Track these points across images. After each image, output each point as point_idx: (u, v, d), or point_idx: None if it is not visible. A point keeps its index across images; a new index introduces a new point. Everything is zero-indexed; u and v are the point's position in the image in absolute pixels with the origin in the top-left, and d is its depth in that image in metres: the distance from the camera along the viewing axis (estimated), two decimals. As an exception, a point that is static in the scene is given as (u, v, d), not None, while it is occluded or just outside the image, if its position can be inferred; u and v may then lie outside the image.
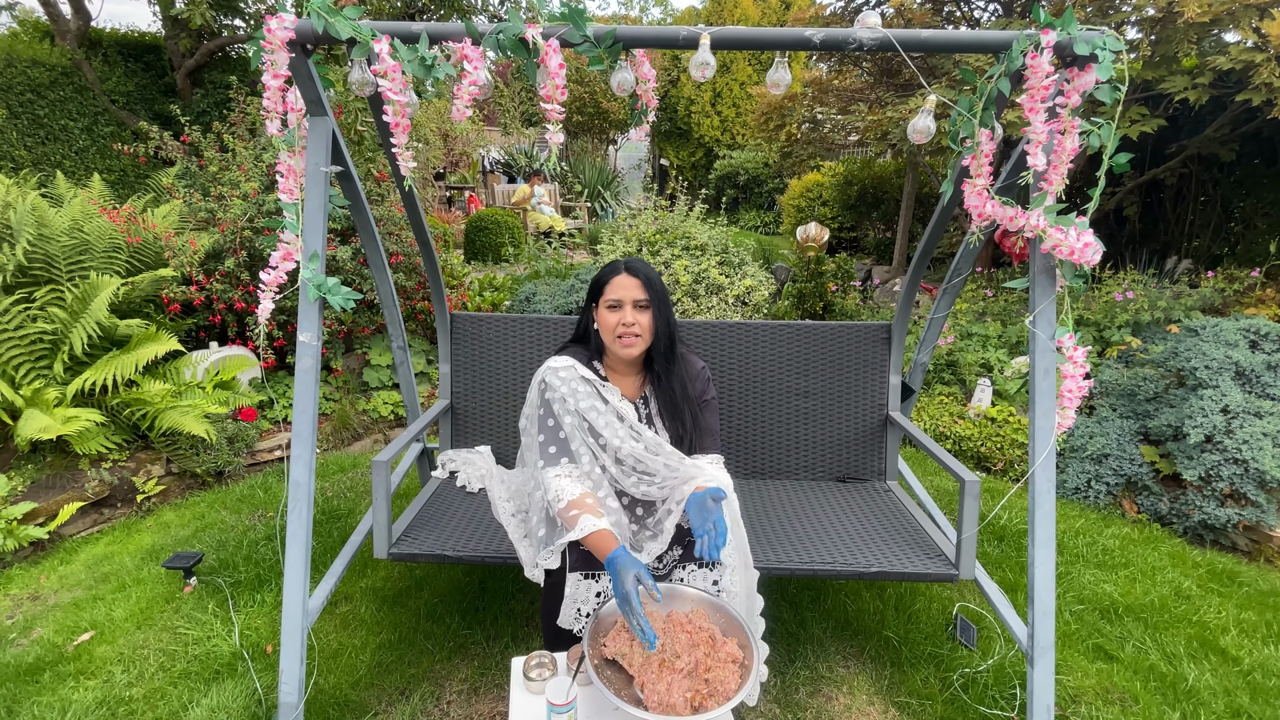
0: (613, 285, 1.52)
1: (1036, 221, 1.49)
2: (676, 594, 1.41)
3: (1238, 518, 2.42)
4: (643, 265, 1.56)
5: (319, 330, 1.54)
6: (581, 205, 10.00)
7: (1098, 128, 1.44)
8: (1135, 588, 2.23)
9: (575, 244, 8.59)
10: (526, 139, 12.03)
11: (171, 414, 2.65)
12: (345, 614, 2.04)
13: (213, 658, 1.85)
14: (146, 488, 2.68)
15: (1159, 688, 1.81)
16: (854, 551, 1.75)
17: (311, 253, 1.51)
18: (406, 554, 1.70)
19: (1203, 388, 2.57)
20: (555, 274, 4.93)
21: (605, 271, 1.56)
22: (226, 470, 2.89)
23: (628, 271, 1.53)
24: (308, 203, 1.50)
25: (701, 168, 13.94)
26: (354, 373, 3.73)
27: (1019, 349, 3.59)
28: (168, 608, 2.07)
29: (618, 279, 1.52)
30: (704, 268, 3.48)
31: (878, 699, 1.78)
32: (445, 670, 1.82)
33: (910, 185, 6.74)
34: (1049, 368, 1.57)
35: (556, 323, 2.20)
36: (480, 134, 10.38)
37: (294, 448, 1.51)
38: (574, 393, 1.52)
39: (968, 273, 2.04)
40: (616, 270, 1.54)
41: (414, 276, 3.84)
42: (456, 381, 2.22)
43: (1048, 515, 1.54)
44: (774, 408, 2.19)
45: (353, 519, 2.58)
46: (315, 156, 1.50)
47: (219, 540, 2.41)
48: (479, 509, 1.95)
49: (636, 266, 1.55)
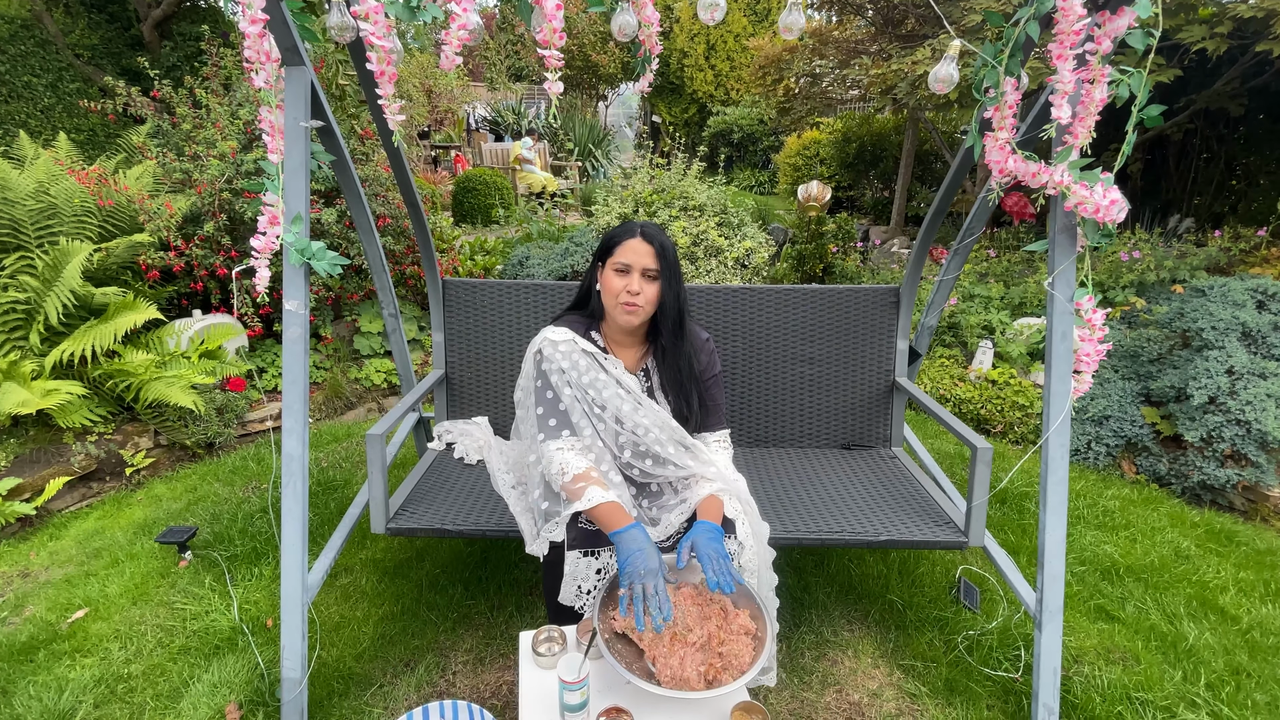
0: (624, 248, 1.44)
1: (1061, 178, 1.42)
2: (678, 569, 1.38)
3: (1237, 478, 2.43)
4: (658, 232, 1.47)
5: (306, 298, 1.46)
6: (573, 165, 9.74)
7: (1127, 77, 1.35)
8: (1135, 548, 2.24)
9: (567, 205, 8.39)
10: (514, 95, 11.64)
11: (156, 385, 2.57)
12: (346, 586, 2.01)
13: (212, 633, 1.82)
14: (135, 460, 2.62)
15: (1160, 647, 1.83)
16: (862, 520, 1.73)
17: (294, 215, 1.41)
18: (405, 528, 1.66)
19: (1208, 349, 2.55)
20: (548, 237, 4.81)
21: (618, 232, 1.47)
22: (217, 441, 2.83)
23: (642, 236, 1.44)
24: (288, 161, 1.40)
25: (695, 125, 13.59)
26: (344, 340, 3.64)
27: (1021, 310, 3.54)
28: (163, 583, 2.03)
29: (630, 242, 1.44)
30: (702, 229, 3.38)
31: (883, 662, 1.79)
32: (450, 641, 1.81)
33: (910, 142, 6.59)
34: (1066, 331, 1.52)
35: (553, 289, 2.12)
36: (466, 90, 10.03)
37: (285, 420, 1.45)
38: (575, 366, 1.46)
39: (979, 232, 1.98)
40: (630, 232, 1.45)
41: (403, 240, 3.72)
42: (451, 351, 2.15)
43: (1060, 481, 1.51)
44: (779, 375, 2.14)
45: (349, 489, 2.54)
46: (294, 111, 1.39)
47: (213, 513, 2.37)
48: (478, 481, 1.91)
49: (652, 232, 1.46)
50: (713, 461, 1.50)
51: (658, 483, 1.56)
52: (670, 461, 1.48)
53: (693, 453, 1.49)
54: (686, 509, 1.46)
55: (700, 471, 1.48)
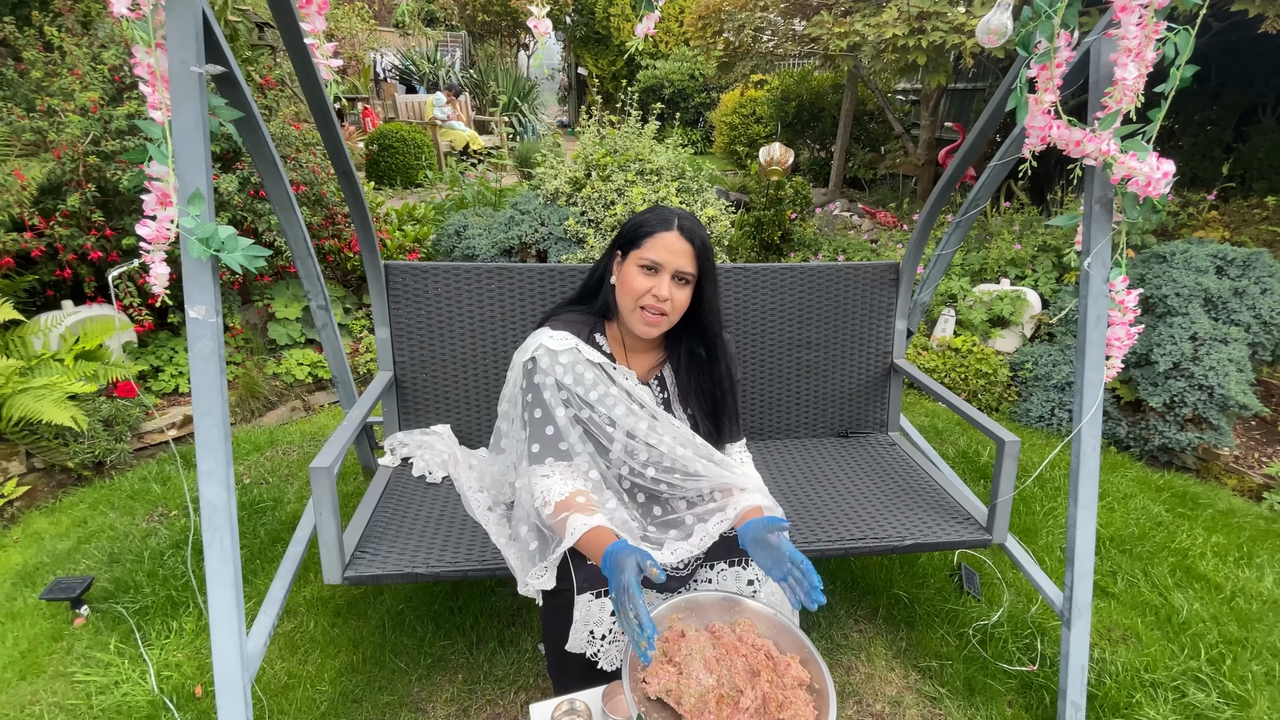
0: (654, 242, 1.18)
1: (1106, 146, 1.28)
2: (699, 604, 1.18)
3: (1198, 441, 2.50)
4: (698, 226, 1.22)
5: (216, 301, 1.12)
6: (500, 120, 9.09)
7: (1173, 35, 1.22)
8: (1115, 518, 2.26)
9: (500, 165, 7.82)
10: (428, 40, 10.67)
11: (22, 399, 2.09)
12: (290, 633, 1.71)
13: (126, 710, 1.48)
14: (5, 490, 2.14)
15: (1155, 622, 1.83)
16: (881, 522, 1.60)
17: (192, 192, 1.06)
18: (368, 575, 1.38)
19: (1172, 315, 2.59)
20: (485, 202, 4.39)
21: (648, 219, 1.21)
22: (108, 460, 2.37)
23: (680, 230, 1.19)
24: (177, 119, 1.04)
25: (623, 78, 13.02)
26: (256, 329, 3.17)
27: (980, 277, 3.54)
28: (57, 648, 1.65)
29: (664, 236, 1.18)
30: (662, 196, 3.13)
31: (897, 664, 1.70)
32: (425, 691, 1.56)
33: (849, 102, 6.49)
34: (1101, 315, 1.42)
35: (520, 273, 1.83)
36: (372, 34, 9.09)
37: (202, 461, 1.13)
38: (579, 380, 1.21)
39: (984, 204, 1.84)
40: (665, 223, 1.19)
41: (320, 210, 3.24)
42: (400, 349, 1.83)
43: (1091, 474, 1.43)
44: (773, 362, 1.96)
45: (281, 510, 2.18)
46: (181, 51, 1.03)
47: (110, 553, 1.97)
48: (447, 503, 1.64)
49: (691, 227, 1.20)
50: (746, 475, 1.31)
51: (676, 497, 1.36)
52: (699, 475, 1.28)
53: (722, 466, 1.29)
54: (726, 519, 1.26)
55: (734, 482, 1.28)
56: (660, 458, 1.26)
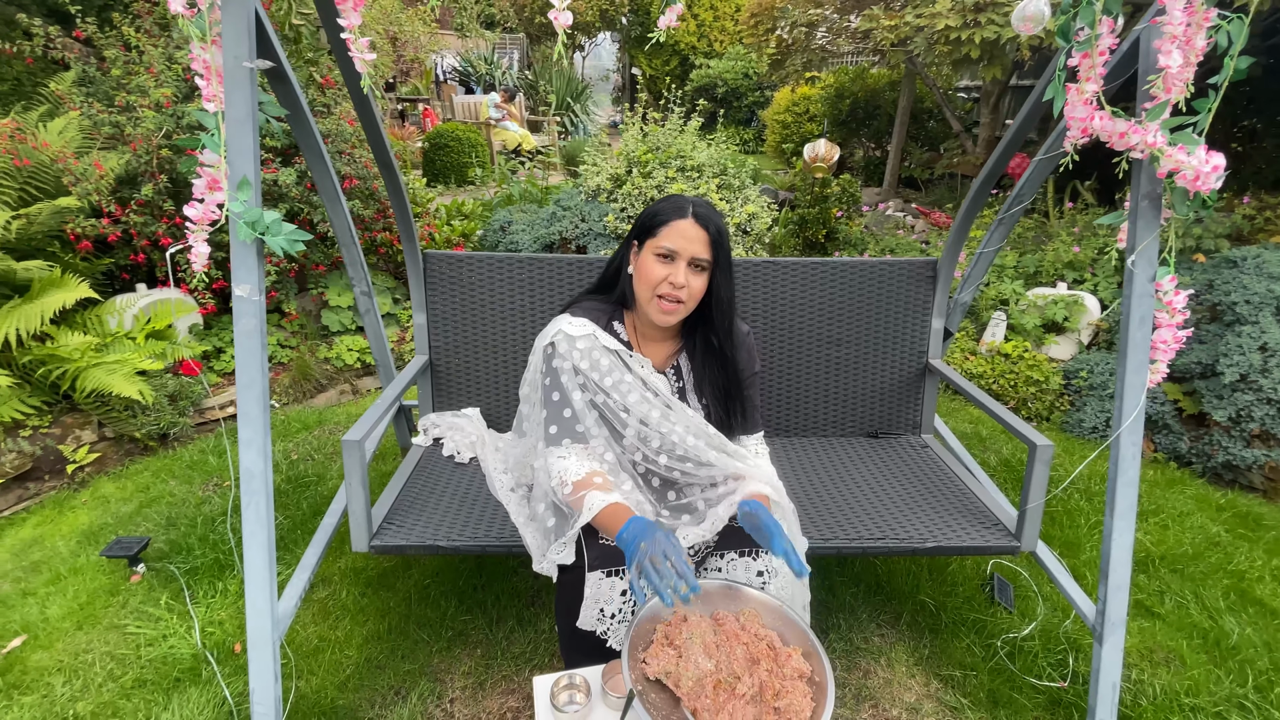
0: (670, 230, 1.20)
1: (1154, 139, 1.22)
2: (705, 591, 1.19)
3: (1265, 459, 2.34)
4: (713, 214, 1.23)
5: (260, 280, 1.20)
6: (551, 120, 9.24)
7: (1226, 23, 1.15)
8: (1168, 536, 2.14)
9: (549, 163, 7.96)
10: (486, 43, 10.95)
11: (95, 372, 2.27)
12: (324, 600, 1.80)
13: (171, 662, 1.60)
14: (77, 456, 2.33)
15: (1202, 645, 1.73)
16: (904, 523, 1.56)
17: (240, 178, 1.14)
18: (392, 545, 1.45)
19: (1241, 323, 2.42)
20: (531, 199, 4.48)
21: (664, 209, 1.23)
22: (171, 433, 2.55)
23: (695, 218, 1.20)
24: (229, 111, 1.12)
25: (676, 78, 13.03)
26: (311, 315, 3.34)
27: (1036, 280, 3.39)
28: (113, 602, 1.79)
29: (680, 224, 1.19)
30: (702, 192, 3.13)
31: (918, 670, 1.66)
32: (445, 663, 1.62)
33: (906, 99, 6.31)
34: (1145, 315, 1.35)
35: (552, 263, 1.87)
36: (434, 38, 9.38)
37: (242, 429, 1.21)
38: (595, 366, 1.24)
39: (1029, 200, 1.77)
40: (680, 211, 1.20)
41: (372, 204, 3.38)
42: (435, 334, 1.90)
43: (1130, 483, 1.36)
44: (802, 359, 1.94)
45: (323, 486, 2.30)
46: (234, 47, 1.11)
47: (168, 517, 2.12)
48: (473, 483, 1.69)
49: (706, 214, 1.21)
50: (759, 467, 1.31)
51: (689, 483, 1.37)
52: (712, 465, 1.29)
53: (735, 458, 1.30)
54: (733, 501, 1.27)
55: (746, 472, 1.29)
56: (672, 446, 1.27)
